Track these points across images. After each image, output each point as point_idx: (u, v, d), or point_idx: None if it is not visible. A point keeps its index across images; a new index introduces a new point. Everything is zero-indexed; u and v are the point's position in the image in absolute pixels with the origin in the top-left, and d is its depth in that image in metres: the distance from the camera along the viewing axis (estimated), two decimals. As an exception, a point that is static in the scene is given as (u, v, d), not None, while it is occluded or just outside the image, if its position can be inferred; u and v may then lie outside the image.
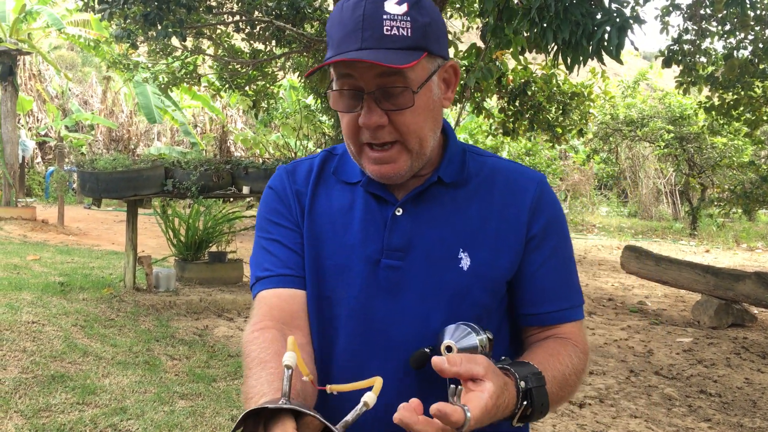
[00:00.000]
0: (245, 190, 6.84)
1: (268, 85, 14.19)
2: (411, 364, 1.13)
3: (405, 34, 1.07)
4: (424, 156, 1.17)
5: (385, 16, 1.07)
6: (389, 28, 1.07)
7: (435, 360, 0.96)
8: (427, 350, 1.11)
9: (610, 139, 20.47)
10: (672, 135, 18.45)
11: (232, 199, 8.10)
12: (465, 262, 1.18)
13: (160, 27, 8.72)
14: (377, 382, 0.94)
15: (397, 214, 1.20)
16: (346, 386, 0.97)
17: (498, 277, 1.20)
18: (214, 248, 8.00)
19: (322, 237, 1.23)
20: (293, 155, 17.40)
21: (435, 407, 0.90)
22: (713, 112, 10.03)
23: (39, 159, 23.96)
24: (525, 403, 1.03)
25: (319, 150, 21.31)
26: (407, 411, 0.91)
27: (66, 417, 3.67)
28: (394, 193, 1.22)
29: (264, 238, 1.27)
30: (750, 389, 5.08)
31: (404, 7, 1.08)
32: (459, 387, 0.94)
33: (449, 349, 1.07)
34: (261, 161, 7.32)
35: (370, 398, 0.91)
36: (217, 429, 3.69)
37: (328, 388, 0.97)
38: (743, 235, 18.68)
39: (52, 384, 4.11)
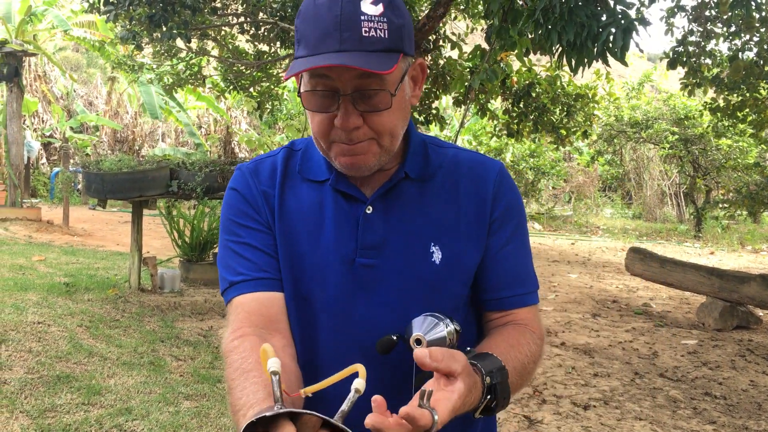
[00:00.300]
0: (250, 191, 6.85)
1: (272, 87, 14.22)
2: (377, 348, 1.14)
3: (382, 35, 1.07)
4: (392, 152, 1.18)
5: (362, 17, 1.06)
6: (367, 29, 1.06)
7: (418, 353, 0.97)
8: (394, 337, 1.13)
9: (615, 140, 20.45)
10: (677, 137, 18.43)
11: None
12: (437, 255, 1.21)
13: (164, 28, 8.75)
14: (360, 368, 0.94)
15: (368, 212, 1.21)
16: (319, 385, 0.96)
17: (470, 266, 1.24)
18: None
19: (295, 238, 1.23)
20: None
21: (404, 411, 0.91)
22: (718, 114, 10.02)
23: (44, 160, 24.03)
24: (489, 396, 1.06)
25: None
26: (378, 416, 0.91)
27: (71, 417, 3.68)
28: (363, 189, 1.22)
29: (233, 242, 1.24)
30: (755, 391, 5.07)
31: (380, 8, 1.08)
32: (430, 391, 0.95)
33: (418, 341, 1.08)
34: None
35: (360, 384, 0.92)
36: (222, 429, 3.70)
37: (302, 392, 0.96)
38: (748, 237, 18.63)
39: (58, 384, 4.12)
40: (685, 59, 8.46)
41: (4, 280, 6.73)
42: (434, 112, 12.46)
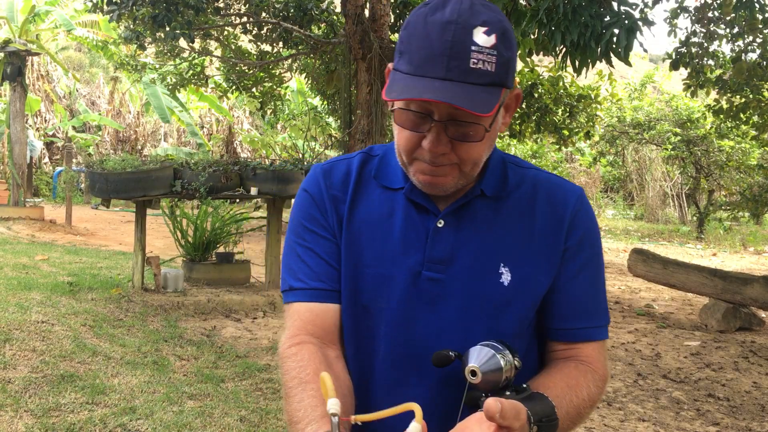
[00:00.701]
0: (253, 191, 6.86)
1: (274, 87, 14.23)
2: (432, 360, 1.12)
3: (489, 69, 1.04)
4: (472, 177, 1.17)
5: (473, 48, 1.03)
6: (476, 61, 1.03)
7: (490, 404, 0.95)
8: (451, 354, 1.10)
9: (617, 141, 20.45)
10: (679, 138, 18.42)
11: (238, 200, 8.12)
12: (506, 277, 1.17)
13: (168, 28, 8.76)
14: (416, 408, 0.93)
15: (439, 225, 1.18)
16: (372, 415, 0.96)
17: (538, 292, 1.20)
18: (221, 249, 8.02)
19: (361, 245, 1.21)
20: (300, 156, 17.45)
21: None
22: (722, 115, 10.01)
23: (46, 159, 24.06)
24: None
25: (327, 151, 21.35)
26: None
27: (76, 416, 3.69)
28: (436, 202, 1.20)
29: (298, 244, 1.25)
30: (758, 393, 5.07)
31: (492, 39, 1.04)
32: None
33: (473, 373, 1.05)
34: (269, 163, 7.34)
35: (416, 429, 0.91)
36: (225, 429, 3.70)
37: (353, 418, 0.96)
38: (750, 238, 18.61)
39: (62, 383, 4.13)
40: (687, 60, 8.45)
41: (8, 279, 6.74)
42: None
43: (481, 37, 1.03)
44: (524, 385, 1.10)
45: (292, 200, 8.91)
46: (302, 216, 1.26)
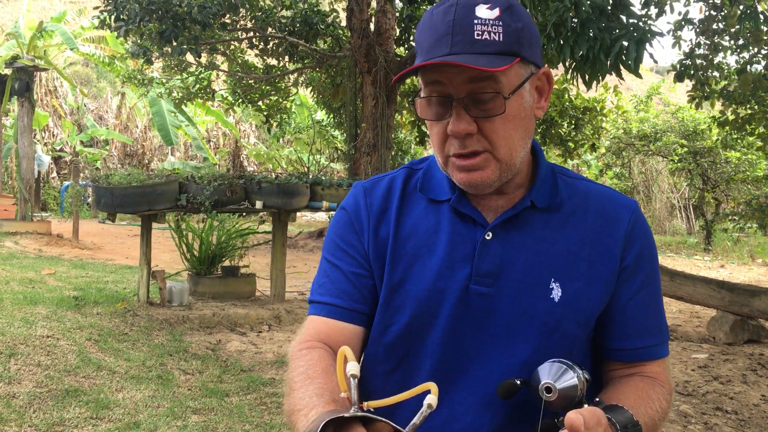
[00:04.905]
0: (258, 204, 6.87)
1: (280, 100, 14.29)
2: (498, 392, 1.09)
3: (496, 39, 1.04)
4: (513, 167, 1.12)
5: (476, 21, 1.04)
6: (480, 32, 1.04)
7: (572, 417, 0.91)
8: (518, 382, 1.07)
9: (623, 153, 20.42)
10: (686, 149, 18.38)
11: (244, 214, 8.14)
12: (556, 292, 1.13)
13: (175, 44, 8.83)
14: (432, 386, 0.92)
15: (487, 238, 1.15)
16: (386, 400, 0.95)
17: (590, 309, 1.16)
18: (227, 263, 8.03)
19: (407, 260, 1.19)
20: (306, 170, 17.51)
21: None
22: (727, 127, 9.99)
23: (54, 174, 24.18)
24: None
25: (332, 164, 21.40)
26: None
27: (80, 431, 3.68)
28: (484, 214, 1.17)
29: (327, 260, 1.25)
30: (766, 406, 5.02)
31: (496, 12, 1.05)
32: None
33: (549, 389, 1.02)
34: (274, 176, 7.35)
35: (432, 400, 0.90)
36: (230, 444, 3.69)
37: (365, 405, 0.94)
38: (758, 250, 18.51)
39: (66, 398, 4.12)
40: (692, 72, 8.45)
41: (14, 294, 6.76)
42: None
43: (483, 12, 1.05)
44: (596, 399, 1.05)
45: (297, 214, 8.86)
46: (336, 234, 1.26)
